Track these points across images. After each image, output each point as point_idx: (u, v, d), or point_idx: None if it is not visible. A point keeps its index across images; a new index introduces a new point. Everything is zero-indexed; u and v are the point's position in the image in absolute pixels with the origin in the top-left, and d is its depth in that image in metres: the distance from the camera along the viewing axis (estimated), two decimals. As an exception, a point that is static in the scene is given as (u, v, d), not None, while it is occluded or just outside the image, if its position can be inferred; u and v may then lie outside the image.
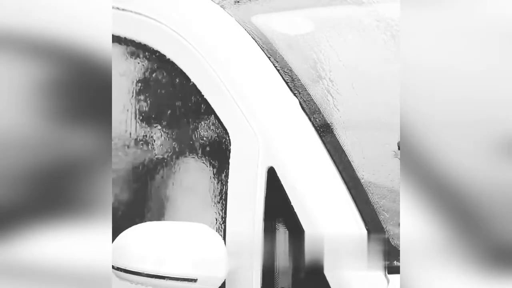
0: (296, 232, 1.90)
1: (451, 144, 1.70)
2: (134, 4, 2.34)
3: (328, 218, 1.91)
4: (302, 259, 1.90)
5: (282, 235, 1.94)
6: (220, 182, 2.05)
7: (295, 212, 1.90)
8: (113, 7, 2.31)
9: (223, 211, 2.01)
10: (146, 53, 2.26)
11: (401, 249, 1.69)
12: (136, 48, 2.28)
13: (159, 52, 2.21)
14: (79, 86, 1.70)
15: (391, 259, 1.91)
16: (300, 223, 1.89)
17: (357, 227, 1.92)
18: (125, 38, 2.31)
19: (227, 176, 2.02)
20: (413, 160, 1.72)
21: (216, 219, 2.03)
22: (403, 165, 1.72)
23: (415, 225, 1.69)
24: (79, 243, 1.86)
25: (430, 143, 1.72)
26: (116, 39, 2.30)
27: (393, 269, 1.95)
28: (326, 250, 1.89)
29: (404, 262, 1.69)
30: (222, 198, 2.03)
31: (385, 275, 1.88)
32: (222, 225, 2.01)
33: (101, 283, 1.71)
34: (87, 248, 1.79)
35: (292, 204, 1.91)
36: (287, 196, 1.92)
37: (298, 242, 1.90)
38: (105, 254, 1.74)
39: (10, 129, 1.66)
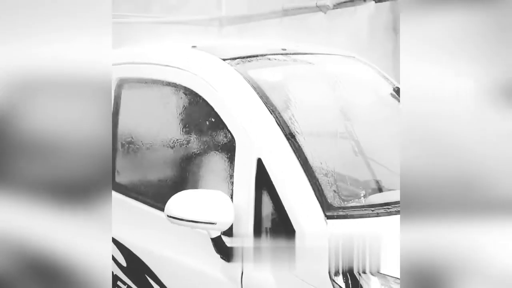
0: (275, 196, 1.90)
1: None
2: (183, 63, 2.28)
3: (292, 187, 1.91)
4: (277, 209, 1.90)
5: (266, 197, 1.94)
6: (230, 167, 2.04)
7: (273, 185, 1.90)
8: (170, 66, 2.30)
9: (231, 184, 2.01)
10: (186, 92, 2.24)
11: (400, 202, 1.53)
12: (180, 89, 2.26)
13: (193, 90, 2.19)
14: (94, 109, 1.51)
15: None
16: (276, 191, 1.90)
17: (306, 189, 1.90)
18: (175, 83, 2.27)
19: (233, 163, 2.02)
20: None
21: (228, 189, 2.02)
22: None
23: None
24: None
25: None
26: (172, 85, 2.29)
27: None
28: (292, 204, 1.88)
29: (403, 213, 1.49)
30: (231, 176, 2.02)
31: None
32: (231, 192, 2.01)
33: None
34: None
35: (272, 180, 1.91)
36: (269, 175, 1.92)
37: (275, 200, 1.90)
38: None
39: (72, 134, 1.49)
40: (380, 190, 2.09)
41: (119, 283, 2.35)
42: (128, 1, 5.09)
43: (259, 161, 1.95)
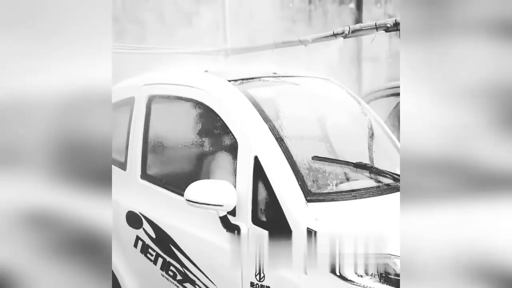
0: (268, 185, 1.91)
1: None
2: (198, 84, 2.29)
3: (281, 178, 1.92)
4: (269, 195, 1.91)
5: (261, 186, 1.93)
6: (233, 163, 2.04)
7: (267, 176, 1.91)
8: (188, 85, 2.28)
9: (235, 176, 2.01)
10: (201, 105, 2.24)
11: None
12: (196, 103, 2.26)
13: (206, 104, 2.20)
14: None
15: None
16: (269, 181, 1.91)
17: (292, 180, 1.91)
18: (192, 99, 2.27)
19: (236, 160, 2.02)
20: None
21: (232, 179, 2.03)
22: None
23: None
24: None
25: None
26: (190, 100, 2.28)
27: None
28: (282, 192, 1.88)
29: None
30: (234, 170, 2.02)
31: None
32: (235, 182, 2.01)
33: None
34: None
35: (266, 172, 1.92)
36: (263, 169, 1.93)
37: (268, 188, 1.91)
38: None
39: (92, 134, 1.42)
40: (347, 180, 2.12)
41: (150, 250, 2.37)
42: (154, 36, 5.24)
43: (256, 159, 1.97)
